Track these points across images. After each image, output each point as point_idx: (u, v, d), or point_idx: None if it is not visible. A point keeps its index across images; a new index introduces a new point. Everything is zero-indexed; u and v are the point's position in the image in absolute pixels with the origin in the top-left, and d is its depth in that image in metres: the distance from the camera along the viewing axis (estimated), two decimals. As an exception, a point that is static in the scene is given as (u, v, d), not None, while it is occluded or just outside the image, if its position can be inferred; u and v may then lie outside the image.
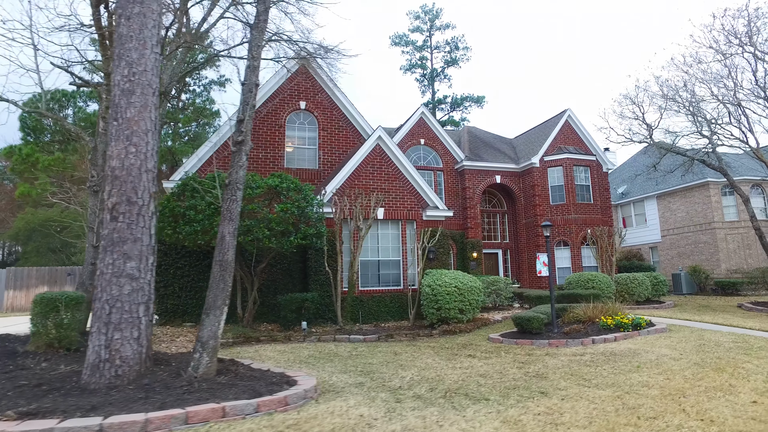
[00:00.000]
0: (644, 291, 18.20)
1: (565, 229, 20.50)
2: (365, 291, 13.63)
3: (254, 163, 13.86)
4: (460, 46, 49.65)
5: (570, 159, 20.87)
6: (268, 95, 14.33)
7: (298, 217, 10.49)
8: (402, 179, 14.52)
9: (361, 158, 14.12)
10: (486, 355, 8.52)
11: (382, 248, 14.15)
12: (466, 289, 12.04)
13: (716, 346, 8.76)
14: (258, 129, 14.11)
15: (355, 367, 7.41)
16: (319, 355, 8.62)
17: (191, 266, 12.69)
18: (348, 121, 15.05)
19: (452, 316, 11.81)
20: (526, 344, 9.48)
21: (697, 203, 25.27)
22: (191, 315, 12.49)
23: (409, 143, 20.75)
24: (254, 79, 6.48)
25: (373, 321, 13.35)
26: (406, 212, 14.37)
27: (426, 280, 12.29)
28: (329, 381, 6.38)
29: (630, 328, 10.38)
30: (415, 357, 8.37)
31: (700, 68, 16.30)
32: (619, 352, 8.35)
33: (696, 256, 25.15)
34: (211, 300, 5.86)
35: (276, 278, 13.45)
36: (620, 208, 30.42)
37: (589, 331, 10.23)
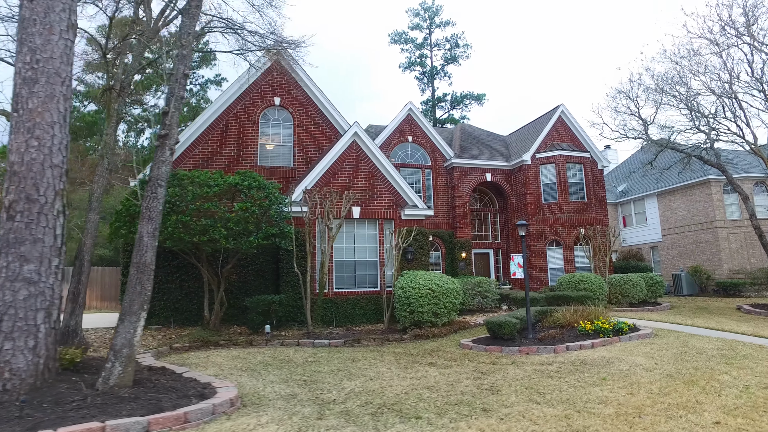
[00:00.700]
0: (639, 292, 17.52)
1: (557, 228, 19.85)
2: (340, 293, 13.14)
3: (226, 161, 13.42)
4: (460, 43, 48.98)
5: (563, 156, 20.20)
6: (241, 91, 13.88)
7: (260, 217, 10.02)
8: (379, 177, 14.00)
9: (335, 155, 13.63)
10: (448, 363, 7.98)
11: (358, 248, 13.65)
12: (441, 292, 11.49)
13: (698, 354, 8.15)
14: (230, 126, 13.68)
15: (300, 376, 6.92)
16: (272, 361, 8.14)
17: (160, 267, 12.09)
18: (324, 118, 14.57)
19: (426, 320, 11.28)
20: (495, 351, 8.92)
21: (698, 201, 24.46)
22: (158, 317, 12.08)
23: (396, 141, 20.22)
24: (183, 69, 6.01)
25: (348, 324, 12.87)
26: (384, 211, 13.85)
27: (399, 282, 11.76)
28: (261, 392, 5.89)
29: (610, 333, 9.77)
30: (372, 364, 7.86)
31: (695, 60, 15.59)
32: (591, 361, 7.77)
33: (697, 256, 24.34)
34: (126, 305, 5.40)
35: (248, 279, 13.01)
36: (620, 207, 29.64)
37: (566, 336, 9.65)
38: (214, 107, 13.45)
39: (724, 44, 15.37)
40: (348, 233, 13.62)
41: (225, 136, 13.56)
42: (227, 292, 12.61)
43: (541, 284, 19.54)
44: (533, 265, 19.68)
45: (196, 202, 9.23)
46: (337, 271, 13.33)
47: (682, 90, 16.67)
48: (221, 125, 13.59)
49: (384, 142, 19.92)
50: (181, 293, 12.37)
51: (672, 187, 25.57)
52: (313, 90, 14.40)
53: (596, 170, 21.51)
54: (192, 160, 13.17)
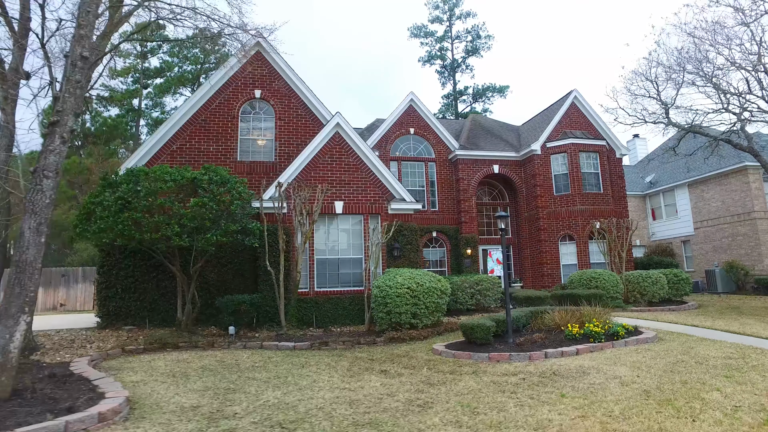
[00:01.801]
0: (659, 290, 16.00)
1: (570, 222, 18.48)
2: (322, 292, 12.53)
3: (205, 157, 13.05)
4: (481, 34, 47.44)
5: (575, 144, 18.77)
6: (221, 84, 13.47)
7: (218, 213, 9.51)
8: (364, 170, 13.27)
9: (316, 148, 12.99)
10: (401, 371, 7.17)
11: (341, 245, 12.98)
12: (421, 291, 10.64)
13: (696, 364, 6.98)
14: (209, 121, 13.29)
15: (228, 384, 6.31)
16: (215, 366, 7.59)
17: (136, 266, 12.04)
18: (308, 110, 13.96)
19: (404, 322, 10.46)
20: (464, 358, 8.02)
21: (734, 191, 22.30)
22: (134, 318, 11.84)
23: (397, 133, 19.39)
24: (80, 51, 5.50)
25: (330, 325, 12.22)
26: (369, 205, 13.11)
27: (377, 281, 10.99)
28: (161, 402, 5.31)
29: (602, 338, 8.66)
30: (317, 372, 7.16)
31: (719, 32, 13.91)
32: (565, 371, 6.76)
33: (734, 251, 22.21)
34: (2, 308, 4.93)
35: (227, 279, 12.59)
36: (648, 199, 27.61)
37: (550, 341, 8.61)
38: (191, 101, 13.09)
39: (753, 13, 13.65)
40: (331, 229, 12.97)
41: (204, 131, 13.20)
42: (205, 291, 12.26)
43: (553, 282, 18.26)
44: (544, 262, 18.42)
45: (148, 198, 8.80)
46: (319, 270, 12.72)
47: (707, 67, 14.99)
48: (200, 120, 13.23)
49: (384, 135, 19.14)
50: (157, 293, 12.08)
51: (704, 176, 23.46)
52: (295, 81, 13.81)
53: (614, 159, 19.93)
54: (170, 156, 12.86)
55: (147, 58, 41.02)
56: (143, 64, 40.29)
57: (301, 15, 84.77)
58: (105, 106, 38.79)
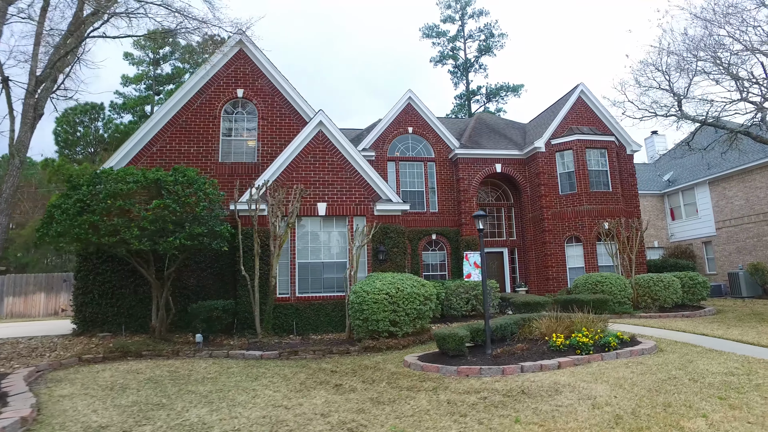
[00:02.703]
0: (671, 295, 14.89)
1: (576, 222, 17.48)
2: (303, 298, 12.01)
3: (185, 159, 12.73)
4: (494, 33, 46.47)
5: (581, 141, 17.77)
6: (202, 84, 13.15)
7: (182, 215, 9.09)
8: (349, 169, 12.71)
9: (298, 148, 12.52)
10: (357, 386, 6.54)
11: (325, 249, 12.45)
12: (402, 297, 9.98)
13: (690, 383, 6.13)
14: (190, 122, 12.97)
15: (161, 399, 5.81)
16: (165, 376, 7.12)
17: (113, 272, 11.77)
18: (292, 109, 13.50)
19: (382, 330, 9.82)
20: (432, 371, 7.33)
21: (758, 188, 20.82)
22: (111, 324, 11.56)
23: (394, 132, 18.78)
24: None
25: (311, 332, 11.69)
26: (354, 207, 12.54)
27: (355, 286, 10.39)
28: (66, 421, 4.84)
29: (590, 349, 7.84)
30: (266, 386, 6.60)
31: (732, 14, 12.82)
32: (535, 389, 6.02)
33: (759, 252, 20.71)
34: None
35: (206, 284, 12.21)
36: (667, 198, 26.17)
37: (530, 353, 7.84)
38: (171, 102, 12.80)
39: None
40: (314, 232, 12.45)
41: (184, 132, 12.88)
42: (184, 297, 11.90)
43: (559, 286, 17.29)
44: (549, 265, 17.47)
45: (108, 201, 8.45)
46: (301, 274, 12.21)
47: (721, 53, 13.87)
48: (180, 121, 12.92)
49: (381, 135, 18.56)
50: (135, 299, 11.77)
51: (726, 173, 22.01)
52: (279, 79, 13.38)
53: (624, 156, 18.84)
54: (149, 159, 12.59)
55: (159, 64, 41.61)
56: (155, 71, 40.85)
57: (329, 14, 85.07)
58: (118, 113, 39.44)
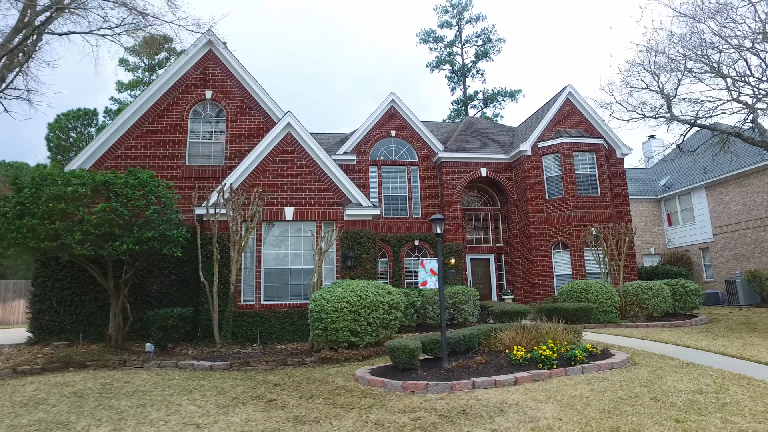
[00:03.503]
0: (661, 303, 14.27)
1: (563, 228, 16.92)
2: (269, 305, 11.55)
3: (150, 162, 12.38)
4: (492, 38, 46.16)
5: (568, 144, 17.26)
6: (170, 86, 12.83)
7: (130, 219, 8.69)
8: (318, 173, 12.29)
9: (266, 150, 12.12)
10: (289, 401, 6.05)
11: (292, 255, 11.99)
12: (363, 306, 9.49)
13: (651, 402, 5.58)
14: (157, 124, 12.63)
15: (64, 418, 5.35)
16: (90, 390, 6.66)
17: (73, 278, 11.38)
18: (262, 111, 13.13)
19: (342, 340, 9.32)
20: (377, 386, 6.82)
21: (755, 192, 20.16)
22: (69, 332, 11.15)
23: (376, 136, 18.37)
24: None
25: (276, 341, 11.22)
26: (323, 211, 12.10)
27: (316, 294, 9.91)
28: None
29: (554, 363, 7.29)
30: (194, 400, 6.12)
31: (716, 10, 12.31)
32: (478, 409, 5.50)
33: (758, 259, 20.01)
34: None
35: (170, 291, 11.78)
36: (664, 203, 25.52)
37: (489, 367, 7.30)
38: (136, 104, 12.48)
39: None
40: (281, 237, 12.01)
41: (150, 134, 12.54)
42: (146, 304, 11.49)
43: (545, 293, 16.71)
44: (535, 272, 16.91)
45: (50, 204, 8.07)
46: (267, 281, 11.76)
47: (705, 49, 13.36)
48: (147, 123, 12.59)
49: (362, 139, 18.17)
50: (95, 306, 11.37)
51: (722, 177, 21.37)
52: (248, 81, 13.04)
53: (614, 159, 18.30)
54: (114, 162, 12.25)
55: (155, 70, 41.59)
56: (150, 77, 40.84)
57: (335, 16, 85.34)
58: (113, 119, 39.39)
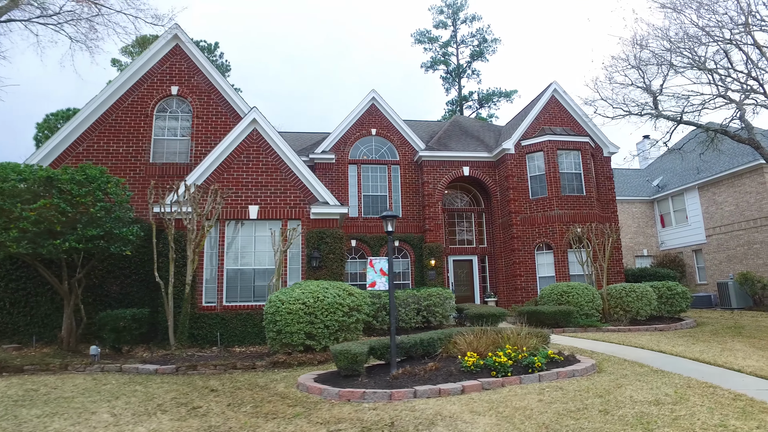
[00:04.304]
0: (645, 306, 13.79)
1: (546, 228, 16.45)
2: (231, 307, 11.15)
3: (113, 159, 12.03)
4: (487, 38, 45.76)
5: (552, 142, 16.80)
6: (134, 81, 12.49)
7: (74, 216, 8.32)
8: (284, 170, 11.90)
9: (230, 147, 11.74)
10: (214, 408, 5.64)
11: (258, 254, 11.60)
12: (320, 308, 9.06)
13: (599, 415, 5.14)
14: (121, 120, 12.29)
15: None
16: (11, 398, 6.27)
17: (28, 278, 11.01)
18: (229, 107, 12.76)
19: (297, 343, 8.91)
20: (315, 393, 6.40)
21: (748, 193, 19.63)
22: (23, 335, 10.77)
23: (357, 134, 17.97)
24: None
25: (236, 344, 10.83)
26: (289, 210, 11.71)
27: (272, 295, 9.49)
28: None
29: (509, 370, 6.83)
30: (115, 407, 5.72)
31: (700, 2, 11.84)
32: (408, 421, 5.07)
33: (750, 261, 19.47)
34: None
35: (130, 291, 11.40)
36: (657, 204, 24.99)
37: (438, 374, 6.85)
38: (99, 99, 12.13)
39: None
40: (245, 236, 11.62)
41: (114, 131, 12.19)
42: (105, 305, 11.11)
43: (528, 296, 16.24)
44: (518, 274, 16.44)
45: None
46: (230, 282, 11.36)
47: (692, 44, 12.90)
48: (110, 120, 12.24)
49: (342, 137, 17.78)
50: (51, 307, 11.00)
51: (715, 177, 20.84)
52: (215, 76, 12.68)
53: (601, 158, 17.82)
54: (75, 158, 11.90)
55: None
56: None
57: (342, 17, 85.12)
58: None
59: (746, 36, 11.21)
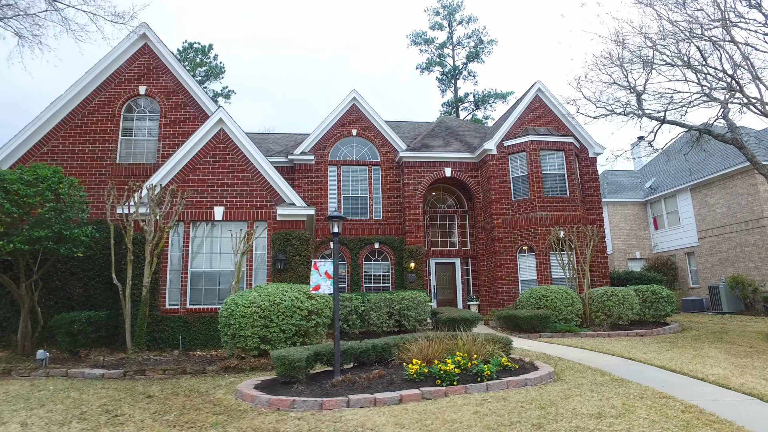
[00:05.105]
0: (627, 311, 13.45)
1: (528, 230, 16.12)
2: (195, 309, 10.93)
3: (78, 159, 11.86)
4: (483, 39, 45.47)
5: (535, 142, 16.48)
6: (102, 80, 12.33)
7: (20, 217, 8.13)
8: (251, 170, 11.68)
9: (196, 147, 11.54)
10: (135, 416, 5.39)
11: (223, 256, 11.37)
12: (276, 311, 8.81)
13: (533, 429, 4.86)
14: (87, 120, 12.13)
15: None
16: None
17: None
18: (197, 106, 12.57)
19: (251, 347, 8.66)
20: (248, 400, 6.13)
21: (740, 194, 19.19)
22: (-18, 338, 10.63)
23: (337, 135, 17.74)
24: None
25: (198, 347, 10.60)
26: (255, 211, 11.48)
27: (228, 298, 9.26)
28: None
29: (455, 379, 6.53)
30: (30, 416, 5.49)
31: None
32: None
33: (742, 264, 19.01)
34: None
35: (94, 293, 11.20)
36: (650, 206, 24.55)
37: (381, 382, 6.57)
38: (65, 98, 11.97)
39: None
40: (211, 238, 11.40)
41: (80, 131, 12.03)
42: (68, 308, 10.92)
43: (510, 299, 15.90)
44: (499, 277, 16.11)
45: None
46: (194, 284, 11.14)
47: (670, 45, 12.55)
48: (76, 120, 12.08)
49: (322, 138, 17.55)
50: (11, 309, 10.80)
51: (707, 178, 20.40)
52: (183, 76, 12.50)
53: (586, 159, 17.47)
54: (40, 159, 11.74)
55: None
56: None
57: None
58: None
59: (724, 33, 10.86)
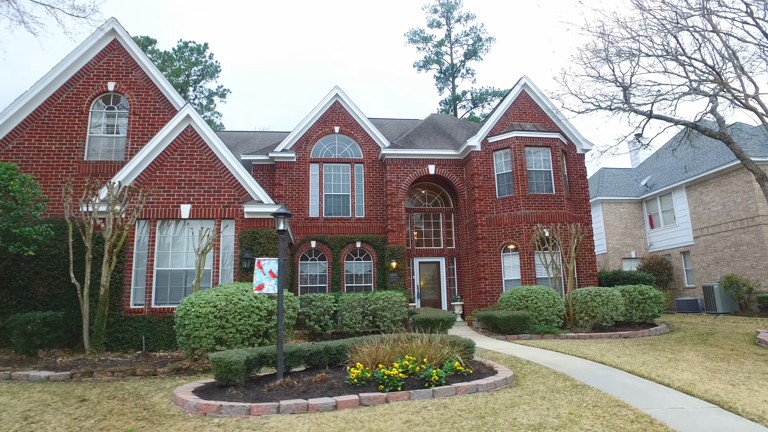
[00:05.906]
0: (611, 311, 13.06)
1: (512, 229, 15.73)
2: (160, 309, 10.71)
3: (44, 157, 11.69)
4: (482, 36, 45.03)
5: (519, 138, 16.08)
6: (69, 76, 12.14)
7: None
8: (219, 168, 11.44)
9: (163, 143, 11.32)
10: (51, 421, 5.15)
11: (189, 255, 11.13)
12: (233, 311, 8.55)
13: (456, 435, 4.53)
14: (54, 117, 11.95)
15: None
16: None
17: (-47, 279, 10.72)
18: (167, 103, 12.35)
19: (206, 348, 8.40)
20: (179, 405, 5.86)
21: (735, 192, 18.65)
22: (-57, 338, 10.47)
23: (319, 132, 17.46)
24: None
25: (162, 348, 10.40)
26: (222, 209, 11.23)
27: (185, 298, 9.01)
28: None
29: (399, 384, 6.20)
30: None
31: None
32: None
33: (737, 263, 18.47)
34: None
35: (58, 293, 10.99)
36: (645, 205, 24.02)
37: (320, 387, 6.27)
38: (31, 94, 11.80)
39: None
40: (176, 236, 11.17)
41: (47, 128, 11.86)
42: (31, 308, 10.72)
43: (493, 300, 15.53)
44: (482, 276, 15.74)
45: None
46: (160, 283, 10.92)
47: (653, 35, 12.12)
48: (43, 116, 11.91)
49: (304, 135, 17.29)
50: (-25, 309, 10.67)
51: (702, 176, 19.86)
52: (153, 72, 12.28)
53: (574, 155, 17.05)
54: (4, 156, 11.58)
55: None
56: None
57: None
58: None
59: (705, 22, 10.42)
